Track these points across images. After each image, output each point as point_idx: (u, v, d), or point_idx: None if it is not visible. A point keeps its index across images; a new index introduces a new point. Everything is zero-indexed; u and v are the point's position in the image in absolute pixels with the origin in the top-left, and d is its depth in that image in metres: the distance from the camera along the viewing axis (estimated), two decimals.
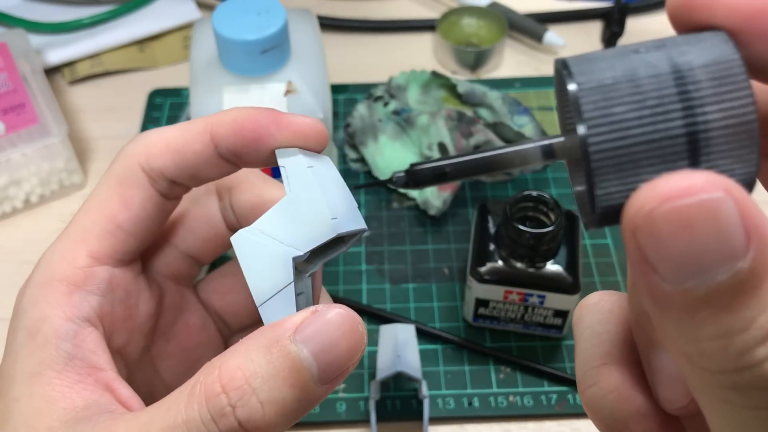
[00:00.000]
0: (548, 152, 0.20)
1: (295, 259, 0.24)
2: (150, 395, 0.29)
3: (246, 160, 0.27)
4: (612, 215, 0.18)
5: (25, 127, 0.59)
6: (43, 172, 0.61)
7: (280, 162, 0.26)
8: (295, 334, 0.23)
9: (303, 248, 0.24)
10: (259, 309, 0.25)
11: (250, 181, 0.31)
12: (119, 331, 0.27)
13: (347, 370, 0.23)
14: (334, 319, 0.23)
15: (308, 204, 0.24)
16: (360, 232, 0.26)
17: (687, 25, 0.19)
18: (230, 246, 0.31)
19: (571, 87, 0.18)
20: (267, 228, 0.25)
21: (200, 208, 0.31)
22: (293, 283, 0.24)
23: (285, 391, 0.22)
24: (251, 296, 0.32)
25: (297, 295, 0.25)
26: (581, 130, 0.18)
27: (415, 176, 0.21)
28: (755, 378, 0.16)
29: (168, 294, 0.31)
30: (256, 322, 0.32)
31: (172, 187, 0.27)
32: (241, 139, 0.26)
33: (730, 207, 0.15)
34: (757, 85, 0.19)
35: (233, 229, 0.31)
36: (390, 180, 0.22)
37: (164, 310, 0.30)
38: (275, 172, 0.54)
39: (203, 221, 0.31)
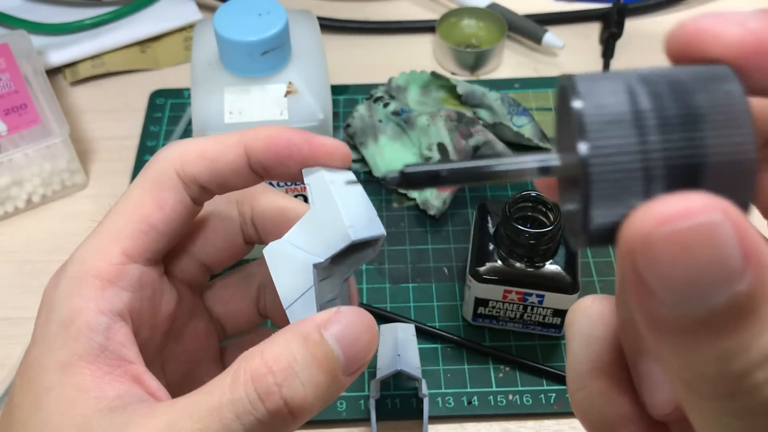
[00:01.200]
0: (544, 170, 0.20)
1: (316, 265, 0.27)
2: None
3: (274, 174, 0.29)
4: (604, 237, 0.18)
5: (27, 127, 0.59)
6: (45, 173, 0.61)
7: (306, 180, 0.28)
8: (324, 329, 0.25)
9: (323, 255, 0.27)
10: (286, 311, 0.28)
11: (269, 194, 0.32)
12: (144, 327, 0.28)
13: (365, 365, 0.26)
14: (355, 317, 0.25)
15: (327, 215, 0.27)
16: (378, 237, 0.28)
17: (686, 59, 0.19)
18: (241, 257, 0.33)
19: (576, 105, 0.18)
20: (294, 239, 0.28)
21: (220, 220, 0.32)
22: (314, 287, 0.27)
23: (320, 377, 0.24)
24: (255, 304, 0.34)
25: (331, 300, 0.29)
26: (583, 149, 0.18)
27: (408, 178, 0.21)
28: (754, 403, 0.16)
29: (183, 298, 0.32)
30: (251, 329, 0.35)
31: (202, 193, 0.29)
32: (274, 155, 0.28)
33: (728, 229, 0.15)
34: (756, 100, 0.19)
35: (249, 242, 0.33)
36: (383, 179, 0.22)
37: (179, 312, 0.31)
38: None
39: (221, 232, 0.32)
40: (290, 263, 0.27)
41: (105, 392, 0.24)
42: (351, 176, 0.29)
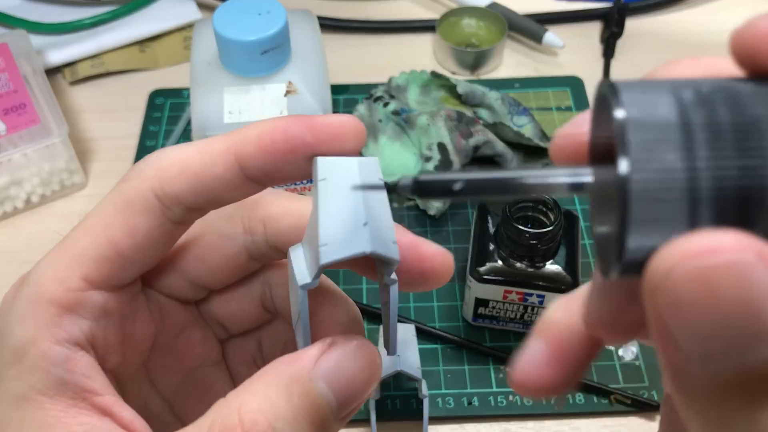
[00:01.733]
0: (576, 186, 0.18)
1: (303, 286, 0.23)
2: (144, 407, 0.28)
3: (278, 177, 0.24)
4: (637, 268, 0.16)
5: (26, 127, 0.59)
6: (44, 173, 0.61)
7: (313, 175, 0.24)
8: (314, 368, 0.22)
9: (312, 274, 0.23)
10: (294, 329, 0.25)
11: (281, 202, 0.28)
12: (113, 354, 0.26)
13: (361, 404, 0.23)
14: (352, 353, 0.22)
15: (313, 226, 0.23)
16: (356, 256, 0.23)
17: (754, 67, 0.17)
18: (246, 273, 0.30)
19: (619, 115, 0.16)
20: (304, 243, 0.24)
21: (218, 239, 0.28)
22: (302, 313, 0.24)
23: (306, 430, 0.22)
24: (259, 302, 0.31)
25: (384, 303, 0.25)
26: (623, 166, 0.15)
27: (422, 187, 0.19)
28: None
29: (169, 314, 0.29)
30: (256, 327, 0.31)
31: (188, 213, 0.25)
32: (272, 155, 0.23)
33: (765, 276, 0.14)
34: None
35: (259, 260, 0.29)
36: (396, 185, 0.20)
37: (164, 328, 0.29)
38: None
39: (218, 253, 0.28)
40: (291, 277, 0.24)
41: (70, 427, 0.22)
42: (370, 167, 0.24)
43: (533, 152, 0.64)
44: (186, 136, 0.67)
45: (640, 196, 0.15)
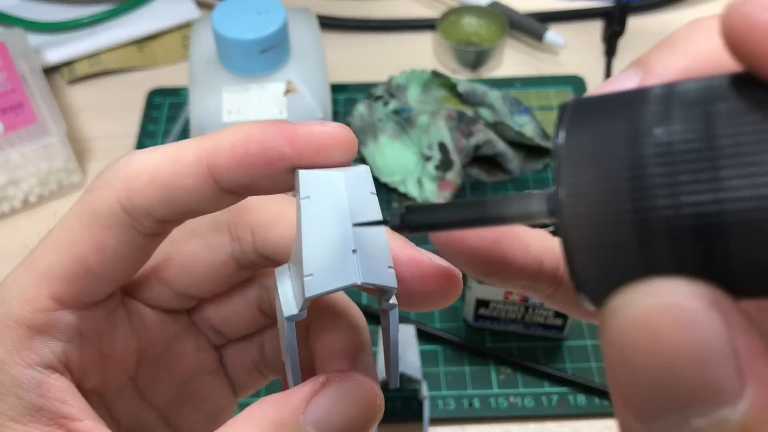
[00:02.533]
0: (553, 212, 0.17)
1: (289, 318, 0.21)
2: (135, 421, 0.27)
3: (256, 190, 0.22)
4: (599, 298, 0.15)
5: (24, 126, 0.58)
6: (42, 172, 0.60)
7: (296, 189, 0.21)
8: (305, 414, 0.20)
9: (299, 305, 0.21)
10: (284, 362, 0.23)
11: (277, 216, 0.26)
12: (92, 374, 0.24)
13: None
14: (348, 394, 0.20)
15: (297, 251, 0.21)
16: (339, 288, 0.20)
17: (739, 56, 0.14)
18: (236, 282, 0.28)
19: (559, 139, 0.15)
20: (291, 265, 0.22)
21: (203, 248, 0.26)
22: (289, 348, 0.22)
23: None
24: (256, 305, 0.29)
25: (384, 328, 0.23)
26: (561, 193, 0.15)
27: (408, 224, 0.19)
28: None
29: (155, 326, 0.27)
30: (254, 332, 0.30)
31: (161, 225, 0.23)
32: (247, 168, 0.21)
33: (715, 326, 0.12)
34: None
35: (248, 268, 0.27)
36: (385, 221, 0.20)
37: (150, 342, 0.27)
38: None
39: (203, 263, 0.26)
40: (277, 302, 0.22)
41: None
42: (359, 180, 0.21)
43: (534, 151, 0.63)
44: (185, 135, 0.66)
45: (577, 229, 0.14)
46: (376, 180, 0.62)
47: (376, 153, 0.62)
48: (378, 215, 0.21)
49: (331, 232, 0.20)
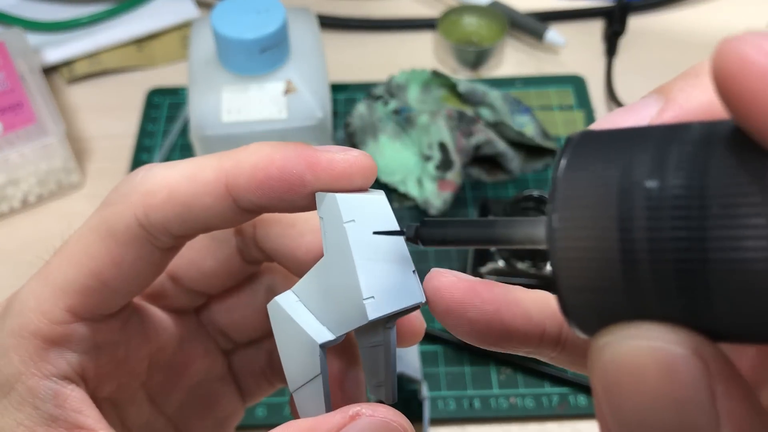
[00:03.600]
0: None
1: (324, 345, 0.21)
2: (145, 427, 0.27)
3: (272, 210, 0.22)
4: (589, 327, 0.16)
5: (23, 126, 0.58)
6: (41, 172, 0.60)
7: (319, 212, 0.21)
8: None
9: (335, 331, 0.21)
10: (293, 395, 0.23)
11: (274, 215, 0.26)
12: (106, 382, 0.25)
13: None
14: (380, 429, 0.20)
15: (341, 275, 0.20)
16: (408, 310, 0.21)
17: (727, 101, 0.13)
18: (243, 277, 0.28)
19: (558, 174, 0.15)
20: (303, 295, 0.22)
21: (210, 241, 0.27)
22: (321, 376, 0.21)
23: None
24: (263, 310, 0.28)
25: (373, 346, 0.22)
26: (554, 219, 0.15)
27: (422, 238, 0.19)
28: None
29: (166, 330, 0.28)
30: (263, 336, 0.30)
31: (176, 240, 0.23)
32: (267, 191, 0.21)
33: (695, 372, 0.13)
34: None
35: (253, 262, 0.27)
36: (402, 231, 0.20)
37: (161, 345, 0.27)
38: None
39: (211, 256, 0.27)
40: (296, 333, 0.21)
41: None
42: (381, 202, 0.21)
43: (534, 151, 0.63)
44: (184, 135, 0.66)
45: (570, 273, 0.15)
46: (376, 180, 0.62)
47: (377, 153, 0.62)
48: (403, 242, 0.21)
49: (385, 252, 0.20)
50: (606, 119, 0.17)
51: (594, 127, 0.17)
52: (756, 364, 0.18)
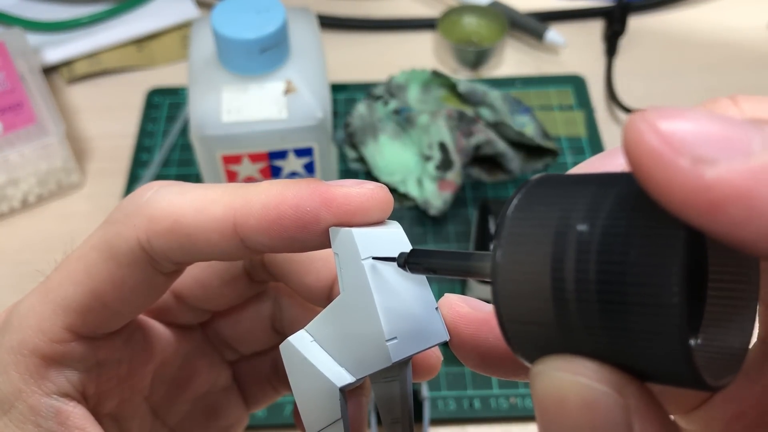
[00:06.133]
0: None
1: (344, 388, 0.20)
2: None
3: (282, 251, 0.22)
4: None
5: (23, 126, 0.58)
6: (41, 172, 0.60)
7: (334, 248, 0.20)
8: None
9: (355, 373, 0.20)
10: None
11: None
12: (108, 399, 0.25)
13: None
14: None
15: (361, 315, 0.19)
16: (430, 347, 0.20)
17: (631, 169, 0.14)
18: (249, 296, 0.28)
19: (507, 214, 0.16)
20: (318, 335, 0.21)
21: (217, 262, 0.26)
22: (341, 420, 0.20)
23: None
24: (269, 322, 0.29)
25: (387, 381, 0.21)
26: (498, 253, 0.16)
27: (410, 266, 0.20)
28: None
29: (170, 345, 0.27)
30: (268, 348, 0.30)
31: (179, 265, 0.23)
32: (279, 233, 0.20)
33: (614, 408, 0.14)
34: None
35: (259, 281, 0.27)
36: (393, 258, 0.20)
37: (164, 360, 0.27)
38: (274, 171, 0.54)
39: (217, 275, 0.26)
40: (312, 377, 0.20)
41: None
42: (398, 235, 0.21)
43: (534, 151, 0.63)
44: (184, 135, 0.66)
45: (509, 305, 0.16)
46: (376, 180, 0.62)
47: (376, 153, 0.62)
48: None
49: (407, 290, 0.20)
50: (585, 163, 0.18)
51: (573, 170, 0.18)
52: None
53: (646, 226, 0.14)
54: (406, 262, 0.19)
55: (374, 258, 0.20)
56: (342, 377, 0.20)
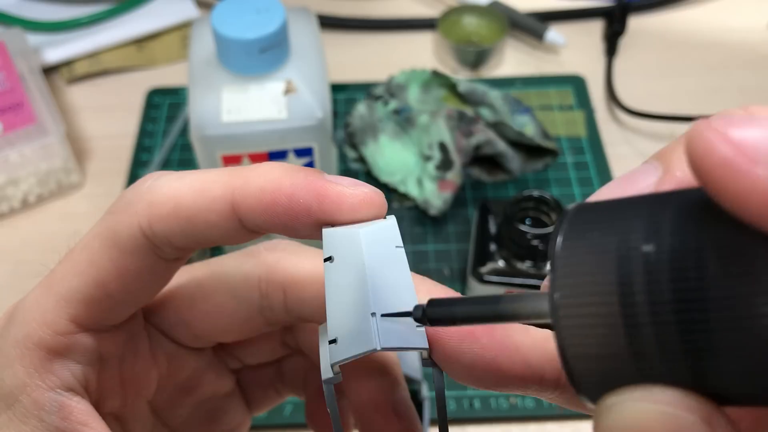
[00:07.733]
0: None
1: (327, 381, 0.20)
2: None
3: (277, 233, 0.22)
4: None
5: (23, 126, 0.58)
6: (41, 172, 0.60)
7: (325, 247, 0.21)
8: None
9: (331, 370, 0.20)
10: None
11: (311, 274, 0.25)
12: (111, 397, 0.25)
13: None
14: None
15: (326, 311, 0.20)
16: (365, 353, 0.19)
17: (698, 180, 0.14)
18: (260, 332, 0.27)
19: (557, 247, 0.15)
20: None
21: (231, 300, 0.26)
22: (331, 411, 0.21)
23: None
24: (278, 337, 0.28)
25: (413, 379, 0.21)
26: (556, 295, 0.15)
27: (430, 318, 0.19)
28: None
29: (177, 358, 0.27)
30: (273, 361, 0.29)
31: (181, 251, 0.23)
32: (273, 217, 0.21)
33: None
34: None
35: (275, 324, 0.26)
36: (408, 313, 0.19)
37: (171, 371, 0.27)
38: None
39: (230, 316, 0.26)
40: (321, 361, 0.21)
41: None
42: (386, 236, 0.21)
43: (534, 151, 0.63)
44: (184, 135, 0.66)
45: (574, 342, 0.15)
46: (375, 180, 0.62)
47: (376, 153, 0.62)
48: (405, 270, 0.20)
49: (352, 293, 0.19)
50: (606, 189, 0.17)
51: (594, 197, 0.17)
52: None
53: (719, 238, 0.13)
54: (425, 316, 0.18)
55: (387, 314, 0.19)
56: (327, 371, 0.20)
